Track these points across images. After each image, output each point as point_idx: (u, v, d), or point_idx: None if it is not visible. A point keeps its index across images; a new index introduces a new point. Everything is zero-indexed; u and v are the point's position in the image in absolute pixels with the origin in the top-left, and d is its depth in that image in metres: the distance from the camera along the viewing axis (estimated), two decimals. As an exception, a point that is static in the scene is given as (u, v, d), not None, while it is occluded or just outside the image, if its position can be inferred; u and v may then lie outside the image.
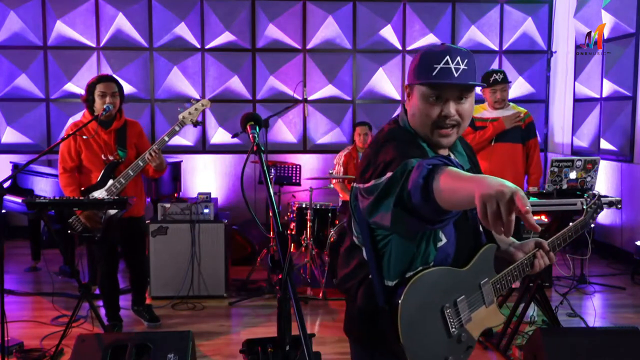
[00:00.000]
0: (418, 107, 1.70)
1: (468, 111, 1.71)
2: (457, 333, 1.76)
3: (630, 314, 4.77)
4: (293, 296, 1.44)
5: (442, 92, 1.66)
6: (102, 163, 4.02)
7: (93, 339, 3.11)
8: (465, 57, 1.66)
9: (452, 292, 1.76)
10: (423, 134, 1.73)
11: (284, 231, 1.52)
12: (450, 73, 1.63)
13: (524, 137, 4.64)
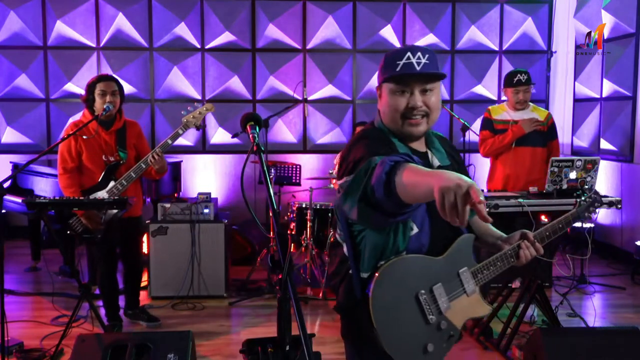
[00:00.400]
0: (387, 102, 1.82)
1: (435, 102, 1.83)
2: (436, 320, 1.80)
3: (630, 314, 4.77)
4: (293, 296, 1.44)
5: (407, 85, 1.78)
6: (102, 163, 4.02)
7: (93, 339, 3.11)
8: (426, 52, 1.78)
9: (428, 279, 1.80)
10: (395, 129, 1.83)
11: (284, 231, 1.52)
12: (412, 67, 1.76)
13: (545, 140, 4.58)
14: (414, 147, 1.89)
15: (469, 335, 4.21)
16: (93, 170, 4.02)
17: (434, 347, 1.79)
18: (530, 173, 4.51)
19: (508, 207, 3.77)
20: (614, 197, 3.90)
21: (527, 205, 3.72)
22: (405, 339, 1.77)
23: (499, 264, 1.93)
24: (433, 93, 1.82)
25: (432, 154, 1.91)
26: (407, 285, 1.77)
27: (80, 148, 4.01)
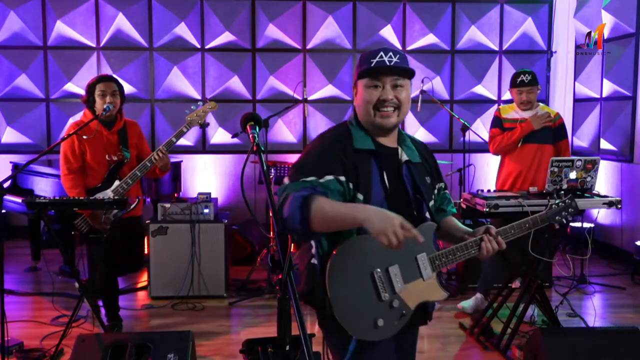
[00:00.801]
0: (362, 97, 1.99)
1: (405, 98, 2.01)
2: (389, 298, 1.92)
3: (630, 314, 4.78)
4: (293, 296, 1.44)
5: (380, 80, 1.96)
6: (106, 163, 4.02)
7: (93, 339, 3.11)
8: (398, 53, 1.98)
9: (385, 259, 1.92)
10: (368, 121, 1.99)
11: (284, 232, 1.52)
12: (384, 63, 1.95)
13: (554, 138, 4.54)
14: (384, 142, 2.04)
15: (469, 335, 4.22)
16: (97, 170, 4.01)
17: (384, 323, 1.91)
18: (537, 170, 4.48)
19: (508, 207, 3.77)
20: (614, 197, 3.90)
21: (527, 205, 3.72)
22: (357, 313, 1.89)
23: (458, 254, 2.03)
24: (403, 89, 1.99)
25: (402, 150, 2.05)
26: (363, 263, 1.90)
27: (84, 148, 4.00)
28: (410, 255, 1.96)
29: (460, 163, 6.02)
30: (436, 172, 2.17)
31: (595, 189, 3.98)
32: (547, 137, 4.52)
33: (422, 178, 2.05)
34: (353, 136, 1.99)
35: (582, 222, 5.94)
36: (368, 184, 1.92)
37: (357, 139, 1.98)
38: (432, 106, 6.99)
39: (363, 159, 1.95)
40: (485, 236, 2.03)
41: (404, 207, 1.97)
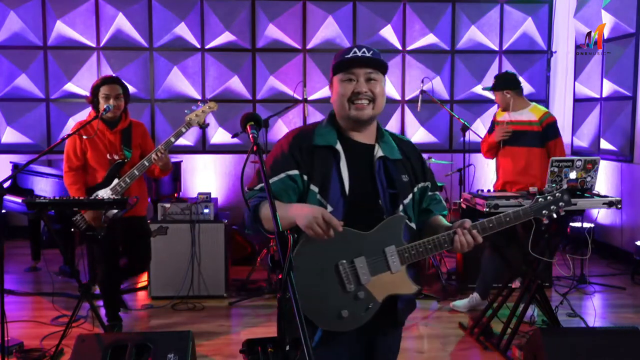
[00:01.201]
0: (337, 91, 2.02)
1: (379, 92, 2.01)
2: (354, 290, 1.94)
3: (630, 314, 4.78)
4: (293, 296, 1.44)
5: (354, 74, 1.99)
6: (107, 162, 4.04)
7: (93, 339, 3.11)
8: (371, 49, 2.02)
9: (351, 251, 1.95)
10: (344, 116, 2.02)
11: (284, 231, 1.52)
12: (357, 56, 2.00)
13: (542, 140, 4.50)
14: (359, 138, 2.05)
15: (469, 335, 4.22)
16: (98, 169, 4.04)
17: (349, 314, 1.93)
18: (526, 173, 4.47)
19: (508, 207, 3.77)
20: (614, 197, 3.90)
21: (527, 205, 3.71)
22: (321, 303, 1.92)
23: (429, 247, 2.00)
24: (377, 83, 2.01)
25: (379, 146, 2.06)
26: (329, 254, 1.92)
27: (85, 147, 4.03)
28: (378, 248, 1.96)
29: (460, 163, 6.02)
30: (421, 171, 2.14)
31: (595, 189, 3.98)
32: (534, 141, 4.49)
33: (398, 175, 2.05)
34: (315, 133, 2.03)
35: (582, 222, 5.94)
36: (325, 179, 1.96)
37: (319, 136, 2.02)
38: (432, 106, 6.99)
39: (322, 154, 1.99)
40: (459, 229, 1.99)
41: (370, 202, 1.99)
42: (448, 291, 5.08)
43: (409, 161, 2.11)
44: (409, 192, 2.08)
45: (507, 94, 4.55)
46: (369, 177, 2.02)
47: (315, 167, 1.97)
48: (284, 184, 1.97)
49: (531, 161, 4.48)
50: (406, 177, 2.07)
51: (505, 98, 4.56)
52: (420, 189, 2.13)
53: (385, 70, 2.03)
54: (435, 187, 2.21)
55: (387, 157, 2.05)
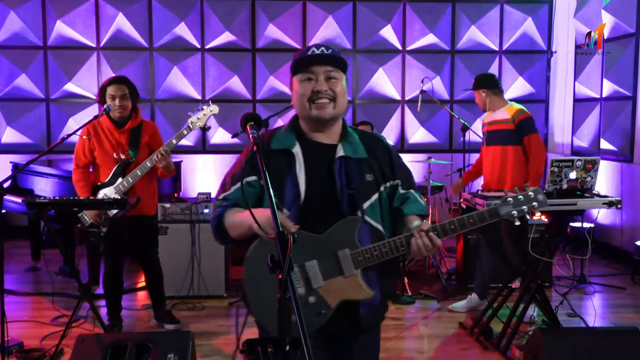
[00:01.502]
0: (297, 91, 1.99)
1: (340, 90, 1.96)
2: (305, 294, 1.88)
3: (630, 314, 4.78)
4: (293, 296, 1.44)
5: (313, 72, 1.95)
6: (113, 161, 4.08)
7: (93, 339, 3.11)
8: (330, 48, 1.98)
9: (302, 255, 1.88)
10: (306, 116, 1.98)
11: (284, 231, 1.52)
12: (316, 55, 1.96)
13: (517, 137, 4.48)
14: (320, 139, 2.00)
15: (469, 335, 4.22)
16: (104, 168, 4.09)
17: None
18: (502, 172, 4.51)
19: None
20: (614, 197, 3.90)
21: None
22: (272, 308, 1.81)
23: (384, 250, 1.90)
24: (338, 81, 1.96)
25: (342, 146, 1.99)
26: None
27: (93, 146, 4.09)
28: (331, 251, 1.89)
29: (460, 163, 6.02)
30: (389, 170, 2.05)
31: (595, 189, 3.98)
32: (509, 139, 4.49)
33: (360, 174, 1.97)
34: (273, 138, 2.01)
35: (582, 222, 5.94)
36: (280, 183, 1.93)
37: (276, 140, 2.00)
38: (432, 106, 6.99)
39: (278, 158, 1.96)
40: (416, 232, 1.89)
41: (329, 203, 1.93)
42: (448, 291, 5.08)
43: (376, 159, 2.03)
44: (374, 191, 1.99)
45: (482, 93, 4.62)
46: (328, 178, 1.95)
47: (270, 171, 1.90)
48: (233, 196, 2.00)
49: (507, 159, 4.50)
50: (371, 177, 1.99)
51: (482, 97, 4.63)
52: (388, 189, 2.04)
53: (345, 68, 1.98)
54: (410, 186, 2.10)
55: (349, 157, 1.97)
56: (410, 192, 2.08)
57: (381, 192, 2.01)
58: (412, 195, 2.08)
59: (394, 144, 7.53)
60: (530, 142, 4.44)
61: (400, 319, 4.58)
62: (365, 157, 2.00)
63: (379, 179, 2.01)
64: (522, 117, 4.47)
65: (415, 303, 4.91)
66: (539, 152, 4.44)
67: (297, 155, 1.97)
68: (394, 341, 4.14)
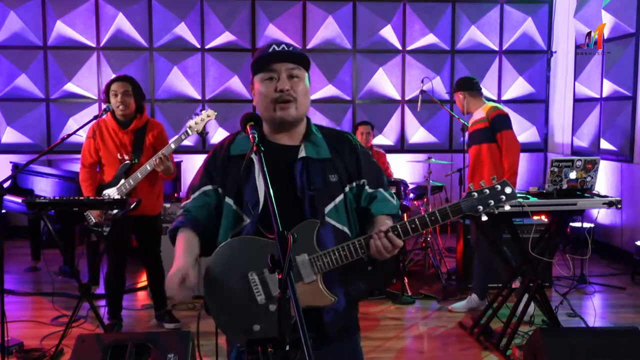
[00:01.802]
0: (259, 92, 1.91)
1: (302, 90, 1.90)
2: (265, 302, 1.83)
3: (630, 314, 4.78)
4: (293, 296, 1.44)
5: (275, 71, 1.88)
6: (117, 161, 4.10)
7: (93, 339, 3.11)
8: (291, 45, 1.92)
9: (260, 262, 1.80)
10: (269, 117, 1.91)
11: (284, 231, 1.52)
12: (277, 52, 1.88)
13: (491, 134, 4.48)
14: (282, 140, 1.95)
15: (469, 335, 4.22)
16: (108, 168, 4.13)
17: (260, 328, 1.82)
18: (475, 170, 4.54)
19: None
20: (614, 197, 3.90)
21: (527, 205, 3.72)
22: (233, 317, 1.84)
23: (344, 254, 1.83)
24: (300, 80, 1.90)
25: (304, 146, 1.93)
26: (237, 266, 1.85)
27: (99, 146, 4.12)
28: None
29: (460, 163, 6.02)
30: (355, 169, 1.98)
31: (595, 189, 3.98)
32: (484, 136, 4.50)
33: (323, 175, 1.91)
34: (232, 143, 1.96)
35: (582, 222, 5.94)
36: (239, 189, 1.90)
37: (235, 146, 1.96)
38: (432, 106, 6.99)
39: (236, 164, 1.92)
40: (375, 233, 1.83)
41: (290, 206, 1.85)
42: (448, 291, 5.08)
43: (341, 159, 1.96)
44: (338, 192, 1.92)
45: (460, 95, 4.66)
46: (289, 180, 1.89)
47: (228, 178, 1.91)
48: (201, 201, 1.96)
49: (480, 158, 4.53)
50: (334, 177, 1.92)
51: (460, 99, 4.67)
52: (354, 189, 1.97)
53: (307, 66, 1.92)
54: (378, 184, 2.02)
55: (311, 157, 1.91)
56: (378, 192, 2.01)
57: (346, 193, 1.94)
58: (381, 195, 2.01)
59: (394, 144, 7.53)
60: (503, 138, 4.43)
61: (400, 319, 4.58)
62: (328, 157, 1.94)
63: (343, 180, 1.94)
64: (495, 114, 4.48)
65: (415, 303, 4.92)
66: (511, 148, 4.42)
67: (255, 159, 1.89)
68: (394, 341, 4.14)
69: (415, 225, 1.84)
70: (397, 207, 2.04)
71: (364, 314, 4.67)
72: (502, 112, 4.51)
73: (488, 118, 4.48)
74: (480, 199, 1.86)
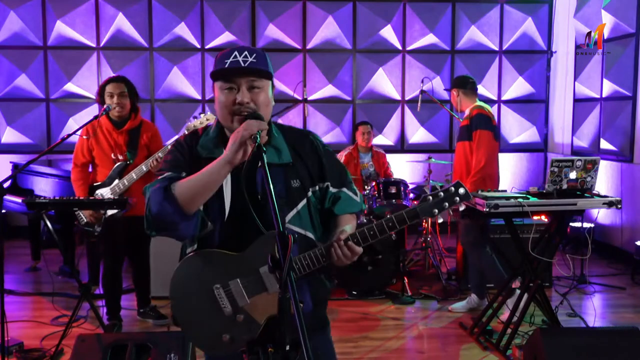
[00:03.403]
0: (218, 100, 1.86)
1: (263, 101, 1.84)
2: (232, 313, 1.84)
3: (630, 314, 4.78)
4: (293, 296, 1.44)
5: (234, 82, 1.82)
6: (111, 162, 4.10)
7: (93, 339, 3.11)
8: (254, 52, 1.84)
9: (225, 274, 1.84)
10: (228, 127, 1.87)
11: (284, 231, 1.52)
12: (238, 64, 1.81)
13: (470, 134, 4.52)
14: None
15: (469, 335, 4.22)
16: (102, 168, 4.12)
17: (230, 338, 1.84)
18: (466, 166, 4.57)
19: (507, 207, 3.77)
20: (614, 197, 3.90)
21: (526, 205, 3.72)
22: (202, 328, 1.86)
23: (306, 263, 1.83)
24: (261, 91, 1.84)
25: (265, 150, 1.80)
26: (204, 278, 1.86)
27: (92, 146, 4.12)
28: (253, 268, 1.83)
29: (460, 163, 6.01)
30: (317, 171, 1.95)
31: (595, 189, 3.98)
32: (465, 135, 4.58)
33: (285, 181, 1.88)
34: (200, 145, 1.91)
35: (582, 222, 5.94)
36: None
37: (201, 147, 1.90)
38: (432, 106, 6.99)
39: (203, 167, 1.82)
40: (334, 242, 1.82)
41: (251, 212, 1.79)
42: (448, 291, 5.08)
43: (303, 162, 1.92)
44: (301, 198, 1.90)
45: (454, 92, 4.74)
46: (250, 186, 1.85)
47: None
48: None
49: (464, 156, 4.58)
50: (297, 182, 1.89)
51: (454, 97, 4.75)
52: (316, 192, 1.95)
53: (270, 76, 1.87)
54: (342, 184, 2.00)
55: (273, 163, 1.85)
56: (342, 192, 1.99)
57: (309, 197, 1.92)
58: (344, 194, 1.99)
59: (394, 144, 7.53)
60: (477, 136, 4.47)
61: (400, 319, 4.58)
62: (290, 162, 1.90)
63: (306, 184, 1.91)
64: (476, 112, 4.55)
65: (415, 303, 4.92)
66: (482, 147, 4.44)
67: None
68: (394, 341, 4.14)
69: (373, 232, 1.84)
70: (360, 204, 2.05)
71: (364, 314, 4.67)
72: (484, 112, 4.56)
73: (470, 116, 4.57)
74: (435, 202, 1.88)
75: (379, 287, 5.03)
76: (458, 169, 4.64)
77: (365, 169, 6.02)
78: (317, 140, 2.02)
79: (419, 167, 7.32)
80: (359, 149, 6.05)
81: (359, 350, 3.96)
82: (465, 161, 4.55)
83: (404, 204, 5.39)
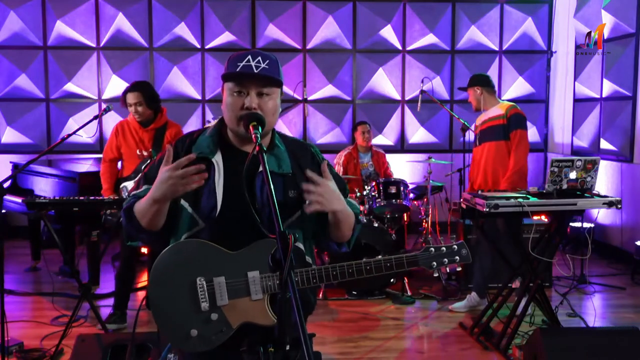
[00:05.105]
0: (226, 101, 1.87)
1: (270, 109, 1.86)
2: (208, 310, 1.81)
3: (630, 314, 4.78)
4: (293, 296, 1.44)
5: (244, 86, 1.83)
6: (137, 157, 4.38)
7: (93, 339, 3.11)
8: (267, 59, 1.85)
9: (212, 269, 1.82)
10: (233, 130, 1.89)
11: (285, 231, 1.52)
12: (250, 69, 1.83)
13: (506, 133, 4.54)
14: (247, 149, 1.91)
15: (469, 335, 4.22)
16: (128, 162, 4.42)
17: (198, 334, 1.81)
18: (480, 169, 4.59)
19: (508, 207, 3.77)
20: (614, 197, 3.90)
21: (527, 205, 3.72)
22: (173, 318, 1.83)
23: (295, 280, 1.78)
24: (270, 98, 1.86)
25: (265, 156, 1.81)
26: (188, 268, 1.82)
27: (120, 143, 4.44)
28: (241, 271, 1.82)
29: (460, 163, 6.02)
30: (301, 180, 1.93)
31: (595, 189, 3.98)
32: (499, 134, 4.56)
33: (283, 190, 1.90)
34: (195, 144, 1.91)
35: (582, 222, 5.94)
36: (197, 193, 1.85)
37: (196, 146, 1.90)
38: (432, 106, 6.99)
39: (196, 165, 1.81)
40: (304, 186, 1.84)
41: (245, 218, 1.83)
42: (448, 291, 5.08)
43: (303, 174, 1.91)
44: (296, 209, 1.91)
45: (477, 90, 4.74)
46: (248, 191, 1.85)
47: None
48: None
49: (500, 155, 4.56)
50: (293, 193, 1.91)
51: (476, 94, 4.75)
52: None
53: (280, 85, 1.89)
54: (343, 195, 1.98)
55: (273, 172, 1.87)
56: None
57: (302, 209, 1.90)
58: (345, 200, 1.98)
59: (394, 144, 7.53)
60: (517, 136, 4.50)
61: (400, 319, 4.58)
62: (289, 172, 1.93)
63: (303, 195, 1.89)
64: (514, 112, 4.57)
65: (415, 303, 4.92)
66: (521, 148, 4.48)
67: (218, 164, 1.88)
68: (394, 341, 4.14)
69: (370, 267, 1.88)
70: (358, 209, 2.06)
71: (364, 314, 4.67)
72: (520, 112, 4.61)
73: (507, 115, 4.55)
74: (436, 256, 1.93)
75: (379, 287, 5.04)
76: (490, 169, 4.57)
77: (365, 168, 6.02)
78: (318, 153, 2.07)
79: (419, 167, 7.32)
80: (359, 148, 6.05)
81: (359, 350, 3.96)
82: (501, 160, 4.52)
83: (404, 204, 5.40)
